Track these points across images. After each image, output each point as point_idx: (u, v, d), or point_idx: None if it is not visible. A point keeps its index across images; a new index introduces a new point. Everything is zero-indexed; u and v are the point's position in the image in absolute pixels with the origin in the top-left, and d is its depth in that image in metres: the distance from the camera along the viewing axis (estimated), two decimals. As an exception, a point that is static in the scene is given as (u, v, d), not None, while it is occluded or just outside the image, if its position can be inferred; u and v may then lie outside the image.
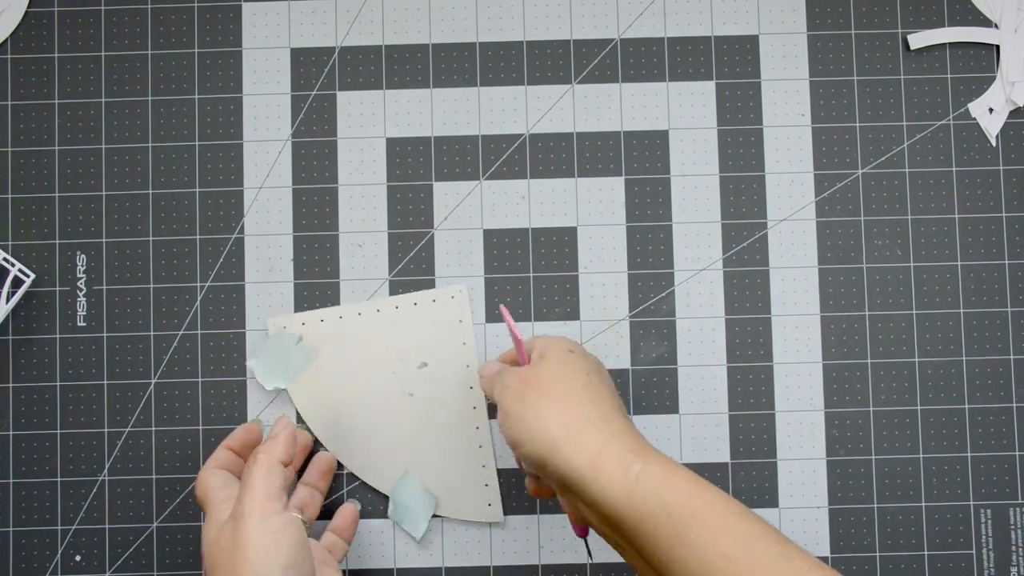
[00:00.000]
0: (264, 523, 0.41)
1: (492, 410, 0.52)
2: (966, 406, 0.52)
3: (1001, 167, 0.54)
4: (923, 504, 0.52)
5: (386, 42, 0.54)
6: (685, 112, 0.54)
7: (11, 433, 0.52)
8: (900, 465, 0.52)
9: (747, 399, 0.53)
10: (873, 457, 0.52)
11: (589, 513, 0.41)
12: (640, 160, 0.54)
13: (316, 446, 0.52)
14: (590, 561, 0.51)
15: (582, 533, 0.46)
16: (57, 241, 0.53)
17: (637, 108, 0.54)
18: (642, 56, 0.54)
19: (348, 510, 0.51)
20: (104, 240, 0.53)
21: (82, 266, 0.53)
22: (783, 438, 0.53)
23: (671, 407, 0.53)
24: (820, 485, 0.52)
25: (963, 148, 0.54)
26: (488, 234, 0.53)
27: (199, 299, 0.53)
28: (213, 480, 0.45)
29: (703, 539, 0.36)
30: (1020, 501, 0.52)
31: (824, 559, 0.52)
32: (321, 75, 0.54)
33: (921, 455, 0.52)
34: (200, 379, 0.53)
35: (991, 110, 0.54)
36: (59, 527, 0.52)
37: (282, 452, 0.44)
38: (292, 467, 0.48)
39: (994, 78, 0.54)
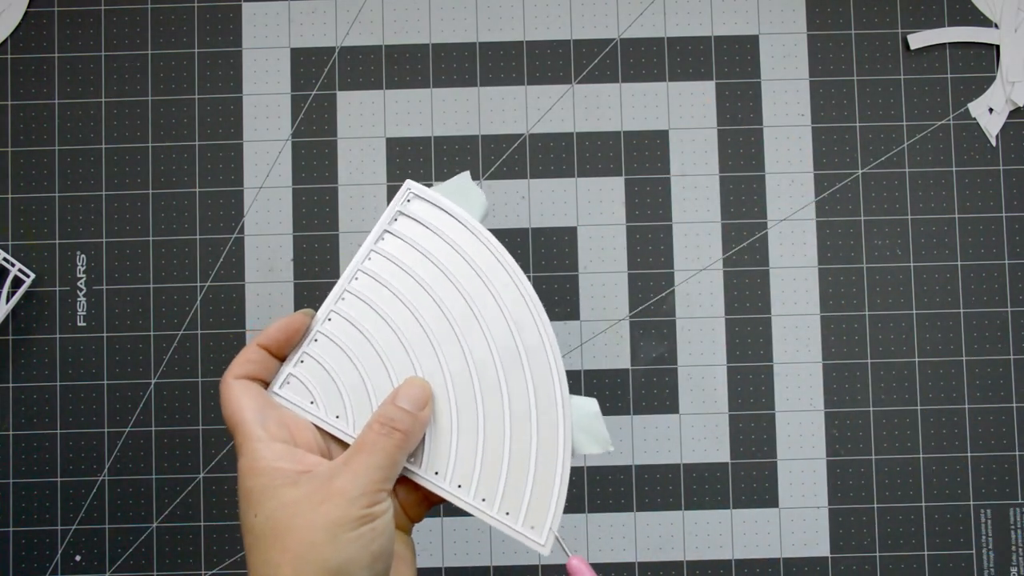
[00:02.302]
0: (358, 527, 0.33)
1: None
2: (966, 406, 0.53)
3: (1001, 167, 0.54)
4: (923, 504, 0.52)
5: (386, 42, 0.54)
6: (685, 112, 0.54)
7: (11, 433, 0.52)
8: (900, 465, 0.52)
9: (747, 399, 0.53)
10: (873, 457, 0.52)
11: None
12: (640, 160, 0.54)
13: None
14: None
15: None
16: (57, 241, 0.53)
17: (637, 108, 0.54)
18: (642, 56, 0.54)
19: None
20: (104, 240, 0.53)
21: (82, 266, 0.53)
22: (783, 438, 0.53)
23: (671, 407, 0.53)
24: (820, 485, 0.52)
25: (963, 148, 0.54)
26: (488, 234, 0.53)
27: (199, 299, 0.53)
28: (246, 400, 0.36)
29: None
30: (1020, 501, 0.52)
31: (824, 559, 0.52)
32: (321, 75, 0.54)
33: (921, 455, 0.52)
34: (200, 379, 0.53)
35: (991, 110, 0.54)
36: (59, 527, 0.52)
37: (412, 444, 0.36)
38: None
39: (994, 78, 0.54)
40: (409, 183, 0.41)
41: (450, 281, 0.40)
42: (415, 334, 0.40)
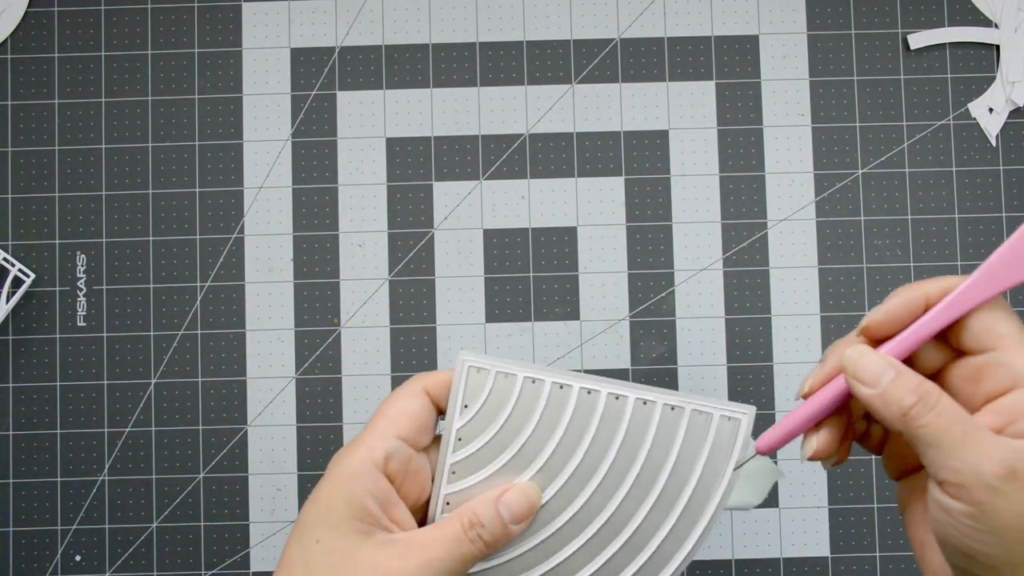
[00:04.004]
0: None
1: None
2: (966, 406, 0.52)
3: (1001, 167, 0.54)
4: (923, 504, 0.52)
5: (386, 42, 0.54)
6: (685, 112, 0.54)
7: (11, 433, 0.52)
8: (900, 465, 0.52)
9: (747, 399, 0.53)
10: (873, 457, 0.52)
11: None
12: (640, 160, 0.54)
13: None
14: None
15: None
16: (57, 241, 0.53)
17: (637, 108, 0.54)
18: (642, 56, 0.54)
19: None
20: (104, 240, 0.53)
21: (82, 266, 0.53)
22: (783, 438, 0.52)
23: (671, 407, 0.53)
24: (820, 485, 0.52)
25: (963, 148, 0.54)
26: (488, 234, 0.53)
27: (199, 299, 0.53)
28: (413, 410, 0.36)
29: None
30: (1020, 501, 0.52)
31: (824, 559, 0.52)
32: (321, 75, 0.54)
33: (921, 455, 0.52)
34: (200, 379, 0.53)
35: (991, 110, 0.54)
36: (59, 527, 0.52)
37: (490, 555, 0.36)
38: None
39: (994, 78, 0.54)
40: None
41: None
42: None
